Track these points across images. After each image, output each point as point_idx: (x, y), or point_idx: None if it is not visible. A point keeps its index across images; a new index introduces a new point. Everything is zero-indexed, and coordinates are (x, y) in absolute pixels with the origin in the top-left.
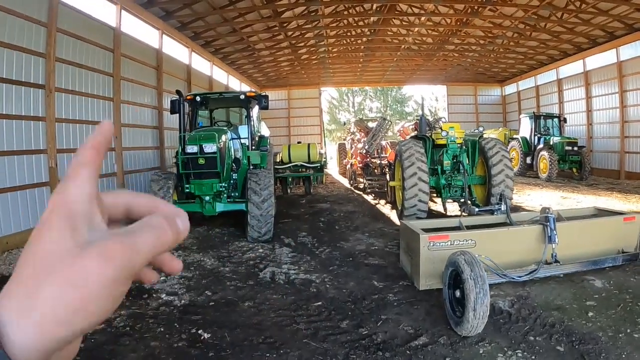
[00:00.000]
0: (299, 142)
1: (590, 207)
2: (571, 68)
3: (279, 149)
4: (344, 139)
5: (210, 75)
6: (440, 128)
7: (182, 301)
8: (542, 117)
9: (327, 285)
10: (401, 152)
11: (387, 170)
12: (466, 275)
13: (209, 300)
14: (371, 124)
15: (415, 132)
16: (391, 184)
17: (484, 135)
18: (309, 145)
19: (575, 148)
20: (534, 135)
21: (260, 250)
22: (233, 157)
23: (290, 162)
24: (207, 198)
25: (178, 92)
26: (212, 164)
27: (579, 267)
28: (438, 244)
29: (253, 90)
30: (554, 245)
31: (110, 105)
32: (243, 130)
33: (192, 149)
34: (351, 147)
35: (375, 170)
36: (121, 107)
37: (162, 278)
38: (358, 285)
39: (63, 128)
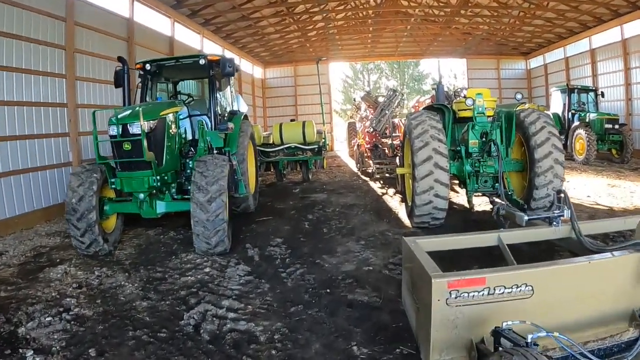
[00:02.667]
0: (292, 120)
1: None
2: (606, 36)
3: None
4: (351, 117)
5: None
6: (464, 96)
7: None
8: (576, 91)
9: (273, 351)
10: (410, 127)
11: (398, 151)
12: None
13: None
14: (381, 99)
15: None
16: (399, 171)
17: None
18: (304, 123)
19: (617, 126)
20: (568, 111)
21: (207, 270)
22: (185, 139)
23: (282, 143)
24: (141, 196)
25: (121, 59)
26: (138, 151)
27: None
28: (465, 295)
29: (217, 54)
30: None
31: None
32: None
33: (113, 130)
34: (361, 126)
35: (386, 152)
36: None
37: (47, 318)
38: (325, 351)
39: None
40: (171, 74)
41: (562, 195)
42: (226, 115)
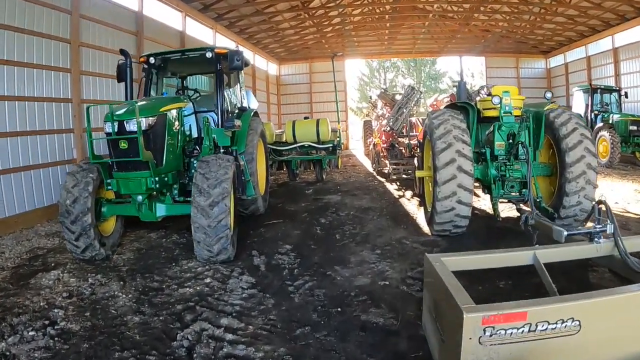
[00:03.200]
0: (305, 118)
1: None
2: (630, 35)
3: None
4: (367, 115)
5: None
6: (488, 94)
7: None
8: (599, 91)
9: None
10: (432, 127)
11: (416, 151)
12: None
13: None
14: (398, 97)
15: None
16: (418, 174)
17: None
18: (318, 121)
19: None
20: (590, 112)
21: (208, 280)
22: (190, 137)
23: (295, 142)
24: (140, 198)
25: (123, 52)
26: (135, 150)
27: None
28: (502, 333)
29: (224, 46)
30: None
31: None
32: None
33: (108, 127)
34: (377, 125)
35: (403, 152)
36: None
37: (31, 332)
38: None
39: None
40: (177, 68)
41: (603, 206)
42: (235, 111)
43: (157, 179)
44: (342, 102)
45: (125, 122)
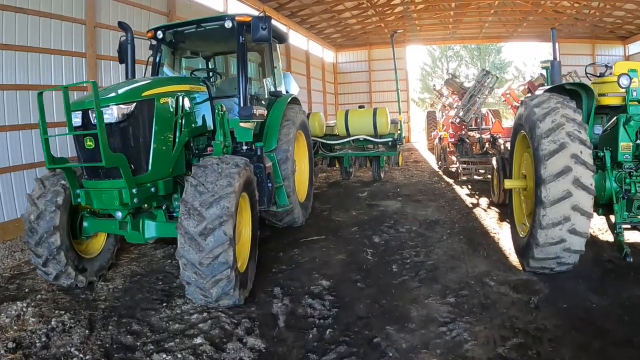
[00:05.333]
0: (360, 107)
1: None
2: None
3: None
4: (431, 105)
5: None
6: (600, 74)
7: None
8: None
9: None
10: (532, 119)
11: (489, 147)
12: None
13: None
14: (467, 84)
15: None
16: (508, 184)
17: None
18: (375, 111)
19: None
20: None
21: (198, 340)
22: (204, 130)
23: (348, 135)
24: (119, 215)
25: (122, 25)
26: (99, 151)
27: None
28: None
29: (248, 13)
30: None
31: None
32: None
33: (76, 119)
34: (442, 116)
35: (473, 148)
36: None
37: None
38: None
39: None
40: (197, 44)
41: None
42: (265, 97)
43: (136, 190)
44: (403, 92)
45: (90, 112)
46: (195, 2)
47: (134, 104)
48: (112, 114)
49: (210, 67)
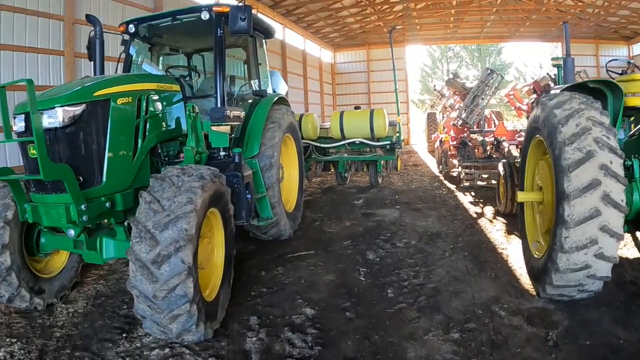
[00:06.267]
0: (356, 108)
1: None
2: None
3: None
4: (432, 106)
5: (282, 40)
6: (621, 72)
7: None
8: None
9: None
10: (552, 121)
11: (492, 151)
12: None
13: None
14: (469, 84)
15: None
16: (521, 197)
17: None
18: (372, 112)
19: None
20: None
21: None
22: (174, 135)
23: (343, 138)
24: (71, 233)
25: (90, 19)
26: (43, 160)
27: None
28: None
29: (227, 4)
30: None
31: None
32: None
33: (20, 123)
34: (443, 117)
35: (476, 151)
36: None
37: None
38: None
39: None
40: (175, 40)
41: None
42: (250, 97)
43: (85, 206)
44: (402, 93)
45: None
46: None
47: (84, 105)
48: (57, 117)
49: (191, 64)
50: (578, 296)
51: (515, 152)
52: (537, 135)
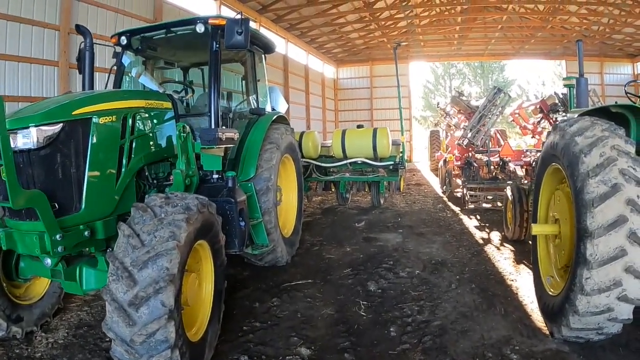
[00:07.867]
0: (359, 127)
1: None
2: None
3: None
4: (436, 124)
5: (284, 54)
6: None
7: None
8: None
9: None
10: (574, 150)
11: (497, 172)
12: None
13: None
14: (474, 102)
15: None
16: (536, 229)
17: None
18: (375, 131)
19: None
20: None
21: None
22: (165, 156)
23: (345, 157)
24: (48, 262)
25: (80, 29)
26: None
27: None
28: None
29: (222, 16)
30: None
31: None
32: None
33: None
34: (446, 136)
35: (481, 172)
36: None
37: None
38: None
39: None
40: (168, 53)
41: None
42: (240, 115)
43: (61, 235)
44: (406, 110)
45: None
46: (183, 9)
47: (61, 124)
48: (31, 138)
49: (187, 79)
50: (596, 338)
51: (520, 172)
52: (554, 163)
